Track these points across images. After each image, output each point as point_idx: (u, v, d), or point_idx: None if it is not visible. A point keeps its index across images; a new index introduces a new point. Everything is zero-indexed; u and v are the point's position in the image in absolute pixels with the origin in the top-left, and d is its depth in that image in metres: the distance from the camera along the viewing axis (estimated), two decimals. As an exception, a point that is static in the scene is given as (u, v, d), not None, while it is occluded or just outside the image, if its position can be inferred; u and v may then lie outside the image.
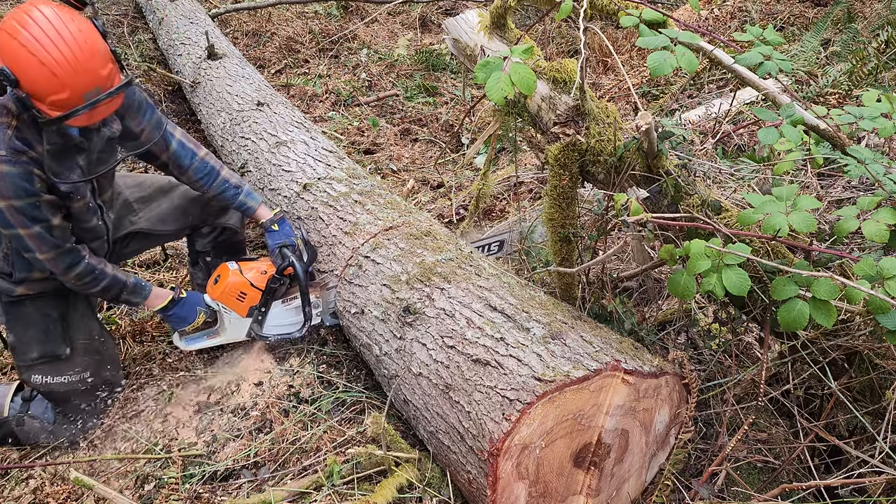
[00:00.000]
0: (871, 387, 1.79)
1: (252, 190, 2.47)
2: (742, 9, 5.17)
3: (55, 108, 1.77)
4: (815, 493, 1.82)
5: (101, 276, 2.10)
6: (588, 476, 1.74)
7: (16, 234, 1.91)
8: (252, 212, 2.43)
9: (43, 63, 1.70)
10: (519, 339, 1.75)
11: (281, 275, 2.34)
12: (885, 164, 1.53)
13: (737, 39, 1.69)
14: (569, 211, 2.01)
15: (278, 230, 2.41)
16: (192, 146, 2.32)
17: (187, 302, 2.32)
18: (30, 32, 1.70)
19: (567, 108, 1.89)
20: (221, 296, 2.33)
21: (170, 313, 2.30)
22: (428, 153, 4.45)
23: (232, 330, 2.39)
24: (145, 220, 2.46)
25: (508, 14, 2.24)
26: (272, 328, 2.40)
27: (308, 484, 1.91)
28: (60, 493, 2.04)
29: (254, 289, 2.34)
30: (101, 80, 1.79)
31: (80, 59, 1.74)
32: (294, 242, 2.40)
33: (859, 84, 3.52)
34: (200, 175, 2.33)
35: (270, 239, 2.40)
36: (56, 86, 1.73)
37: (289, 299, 2.41)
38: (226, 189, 2.38)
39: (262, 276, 2.36)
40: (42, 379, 2.18)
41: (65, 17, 1.75)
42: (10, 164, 1.81)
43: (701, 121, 3.65)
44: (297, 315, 2.41)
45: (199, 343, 2.39)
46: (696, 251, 1.46)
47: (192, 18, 4.78)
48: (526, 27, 2.77)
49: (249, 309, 2.36)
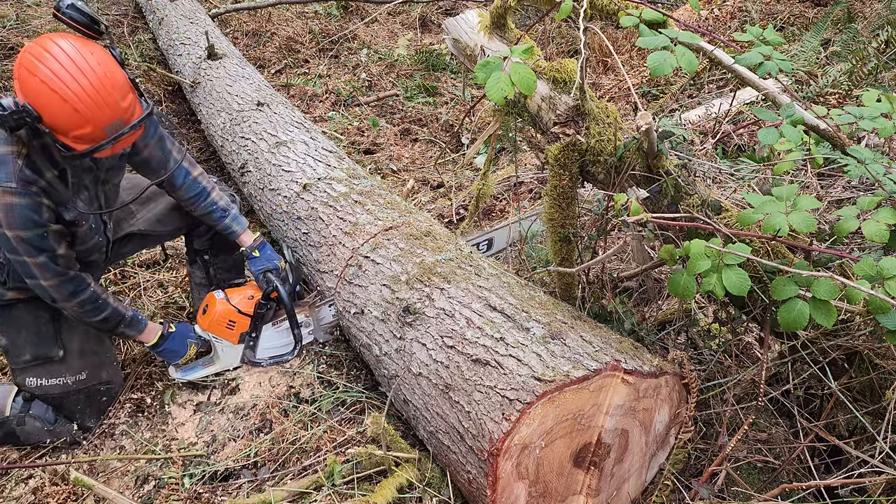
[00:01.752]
0: (871, 387, 1.79)
1: (239, 214, 2.49)
2: (742, 9, 5.17)
3: (79, 141, 1.78)
4: (815, 493, 1.82)
5: (103, 307, 2.12)
6: (588, 476, 1.74)
7: (21, 260, 1.93)
8: (236, 236, 2.46)
9: (65, 100, 1.70)
10: (519, 339, 1.75)
11: (267, 299, 2.36)
12: (885, 164, 1.53)
13: (737, 39, 1.69)
14: (569, 211, 2.01)
15: (260, 256, 2.44)
16: (186, 165, 2.34)
17: (177, 336, 2.33)
18: (49, 68, 1.69)
19: (567, 108, 1.89)
20: (210, 326, 2.35)
21: (161, 349, 2.32)
22: (428, 153, 4.45)
23: (225, 357, 2.41)
24: (143, 221, 2.47)
25: (508, 14, 2.24)
26: (265, 351, 2.43)
27: (308, 484, 1.91)
28: (60, 493, 2.04)
29: (242, 315, 2.37)
30: (122, 112, 1.80)
31: (101, 93, 1.74)
32: (277, 266, 2.43)
33: (859, 84, 3.51)
34: (191, 194, 2.36)
35: (253, 265, 2.44)
36: (79, 121, 1.74)
37: (279, 321, 2.43)
38: (213, 211, 2.41)
39: (249, 302, 2.38)
40: (36, 381, 2.18)
41: (83, 51, 1.74)
42: (20, 195, 1.82)
43: (701, 121, 3.65)
44: (288, 337, 2.44)
45: (194, 373, 2.40)
46: (696, 251, 1.46)
47: (192, 18, 4.78)
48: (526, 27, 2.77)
49: (241, 335, 2.39)
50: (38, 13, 5.24)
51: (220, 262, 2.71)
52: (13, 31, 5.00)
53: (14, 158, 1.82)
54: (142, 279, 3.02)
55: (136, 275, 3.06)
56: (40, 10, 5.30)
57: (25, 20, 5.10)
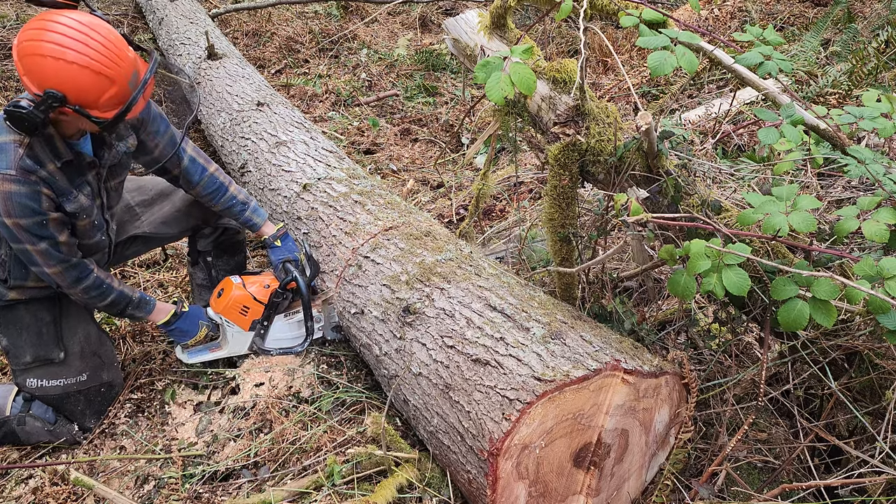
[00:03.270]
0: (871, 387, 1.79)
1: (259, 206, 2.50)
2: (742, 9, 5.17)
3: (108, 107, 1.76)
4: (815, 493, 1.82)
5: (108, 291, 2.12)
6: (588, 476, 1.74)
7: (23, 248, 1.93)
8: (257, 228, 2.47)
9: (85, 66, 1.68)
10: (519, 339, 1.75)
11: (284, 289, 2.36)
12: (885, 164, 1.53)
13: (737, 39, 1.69)
14: (569, 211, 2.01)
15: (281, 246, 2.45)
16: (202, 161, 2.35)
17: (189, 316, 2.34)
18: (56, 43, 1.67)
19: (567, 108, 1.89)
20: (225, 310, 2.35)
21: (172, 327, 2.31)
22: (428, 153, 4.45)
23: (234, 343, 2.40)
24: (148, 223, 2.47)
25: (508, 14, 2.24)
26: (274, 342, 2.43)
27: (308, 484, 1.91)
28: (60, 493, 2.04)
29: (257, 303, 2.37)
30: (133, 63, 1.80)
31: (113, 49, 1.73)
32: (297, 258, 2.44)
33: (859, 84, 3.52)
34: (209, 190, 2.37)
35: (273, 254, 2.44)
36: (104, 84, 1.72)
37: (291, 313, 2.43)
38: (233, 205, 2.42)
39: (265, 291, 2.38)
40: (37, 383, 2.18)
41: (75, 17, 1.73)
42: (19, 183, 1.81)
43: (701, 121, 3.65)
44: (300, 329, 2.43)
45: (201, 356, 2.40)
46: (696, 251, 1.46)
47: (192, 18, 4.78)
48: (526, 27, 2.77)
49: (252, 323, 2.38)
50: (37, 13, 5.24)
51: (222, 264, 2.72)
52: (13, 31, 5.00)
53: (15, 147, 1.82)
54: (142, 279, 3.02)
55: (136, 275, 3.06)
56: (40, 11, 5.30)
57: (25, 20, 5.10)
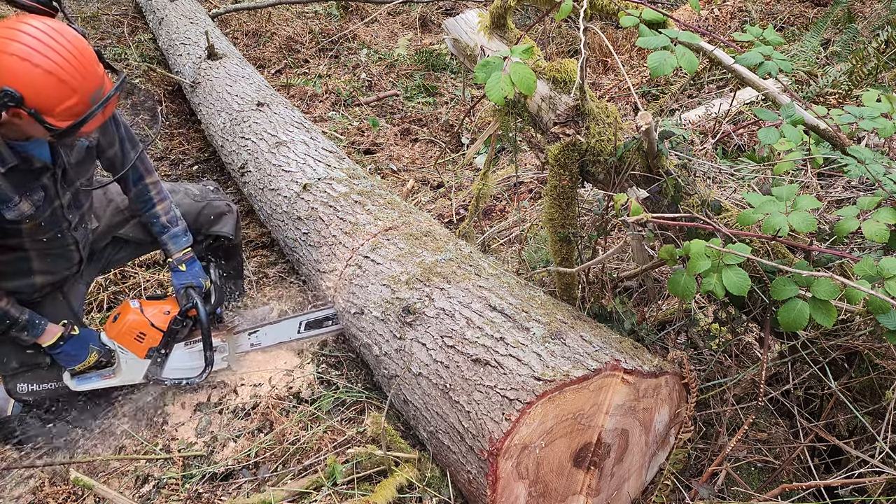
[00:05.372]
0: (871, 387, 1.79)
1: (183, 234, 2.37)
2: (742, 9, 5.17)
3: (65, 117, 1.71)
4: (815, 493, 1.82)
5: None
6: (588, 476, 1.74)
7: None
8: (170, 254, 2.36)
9: (50, 72, 1.64)
10: (519, 339, 1.75)
11: (184, 316, 2.22)
12: (885, 164, 1.53)
13: (737, 39, 1.69)
14: (569, 211, 2.01)
15: (186, 270, 2.32)
16: (142, 168, 2.26)
17: (79, 339, 2.16)
18: (26, 45, 1.63)
19: (567, 108, 1.89)
20: (118, 335, 2.19)
21: (58, 350, 2.12)
22: (428, 153, 4.45)
23: (128, 371, 2.24)
24: (138, 228, 2.41)
25: (508, 14, 2.24)
26: (171, 371, 2.27)
27: (308, 484, 1.91)
28: (60, 493, 2.04)
29: (154, 329, 2.21)
30: (100, 80, 1.76)
31: (82, 61, 1.70)
32: (201, 284, 2.31)
33: (859, 84, 3.51)
34: (138, 201, 2.29)
35: (176, 279, 2.31)
36: (66, 93, 1.68)
37: (192, 342, 2.28)
38: (153, 224, 2.32)
39: (164, 317, 2.23)
40: (28, 387, 2.14)
41: (51, 24, 1.70)
42: None
43: (701, 121, 3.65)
44: (199, 360, 2.27)
45: (90, 383, 2.21)
46: (696, 251, 1.46)
47: (192, 18, 4.78)
48: (526, 27, 2.77)
49: (148, 351, 2.22)
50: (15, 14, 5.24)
51: (217, 270, 2.68)
52: None
53: None
54: (142, 279, 3.02)
55: (136, 275, 3.06)
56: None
57: None
